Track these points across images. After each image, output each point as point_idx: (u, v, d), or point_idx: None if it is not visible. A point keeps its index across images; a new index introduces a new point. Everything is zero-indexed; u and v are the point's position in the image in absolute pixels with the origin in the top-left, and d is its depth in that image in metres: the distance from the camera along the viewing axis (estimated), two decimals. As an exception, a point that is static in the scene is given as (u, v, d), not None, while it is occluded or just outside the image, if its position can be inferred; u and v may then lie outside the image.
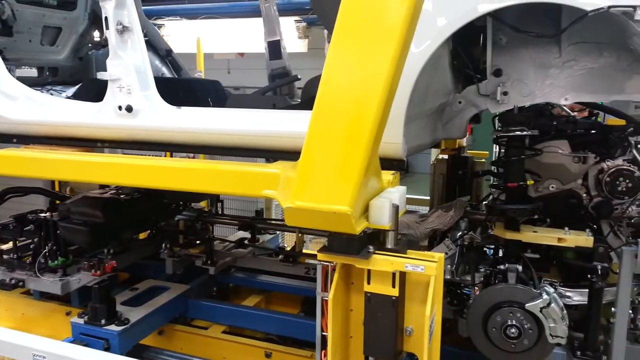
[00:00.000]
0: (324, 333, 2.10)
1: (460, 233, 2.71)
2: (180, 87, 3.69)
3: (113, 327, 3.10)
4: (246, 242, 4.37)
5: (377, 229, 1.96)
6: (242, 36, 10.00)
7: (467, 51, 2.56)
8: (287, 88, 4.44)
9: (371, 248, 1.89)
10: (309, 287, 3.88)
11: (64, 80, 4.57)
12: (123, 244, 3.92)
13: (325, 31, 4.28)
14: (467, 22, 2.10)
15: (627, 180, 2.33)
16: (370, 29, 1.57)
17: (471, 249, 2.71)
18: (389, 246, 1.98)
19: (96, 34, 4.78)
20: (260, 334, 3.76)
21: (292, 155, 2.68)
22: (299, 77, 3.66)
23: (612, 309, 2.31)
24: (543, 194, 2.51)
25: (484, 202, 3.05)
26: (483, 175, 3.46)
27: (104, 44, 4.87)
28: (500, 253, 2.72)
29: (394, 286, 1.94)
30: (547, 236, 2.40)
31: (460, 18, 2.10)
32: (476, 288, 2.58)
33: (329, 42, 4.59)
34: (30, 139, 3.21)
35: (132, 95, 2.82)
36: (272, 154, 2.87)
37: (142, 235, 4.40)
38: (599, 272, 2.29)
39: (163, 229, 4.19)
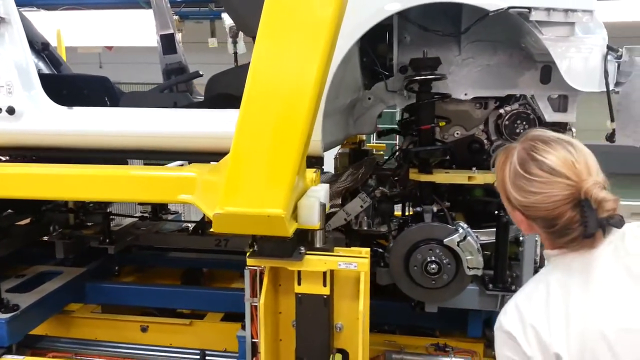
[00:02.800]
0: (254, 340, 2.04)
1: (372, 188, 2.76)
2: (63, 84, 3.34)
3: (0, 315, 2.70)
4: (148, 217, 3.97)
5: (304, 229, 1.95)
6: (109, 29, 9.40)
7: (373, 48, 2.62)
8: (184, 84, 4.23)
9: (302, 249, 1.87)
10: (219, 259, 3.76)
11: None
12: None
13: (227, 26, 4.16)
14: (381, 20, 2.15)
15: (524, 122, 2.49)
16: (301, 25, 1.53)
17: (384, 201, 2.79)
18: (317, 245, 1.97)
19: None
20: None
21: (201, 156, 2.59)
22: (201, 73, 3.50)
23: (521, 237, 2.49)
24: (448, 141, 2.63)
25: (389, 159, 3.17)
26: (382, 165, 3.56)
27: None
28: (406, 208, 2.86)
29: (325, 285, 1.94)
30: (458, 175, 2.49)
31: (374, 15, 2.14)
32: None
33: (231, 37, 4.47)
34: None
35: (13, 95, 2.50)
36: (178, 156, 2.72)
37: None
38: None
39: (49, 211, 3.76)
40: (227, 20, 9.93)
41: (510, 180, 1.30)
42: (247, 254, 1.88)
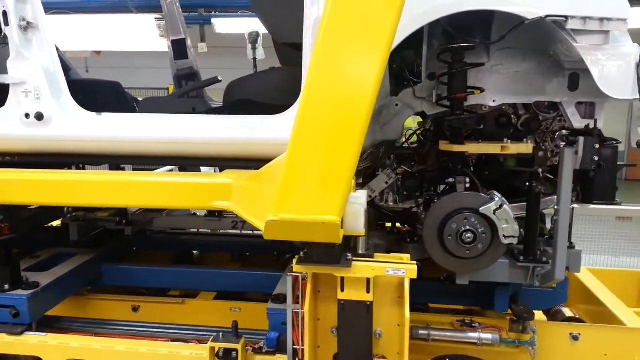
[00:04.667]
0: (295, 347, 2.04)
1: (394, 166, 2.77)
2: (78, 89, 3.32)
3: (20, 292, 2.68)
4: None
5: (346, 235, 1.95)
6: (97, 33, 9.35)
7: (401, 55, 2.64)
8: (180, 90, 4.20)
9: (349, 255, 1.87)
10: (239, 241, 3.78)
11: None
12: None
13: (247, 33, 4.16)
14: (419, 28, 2.17)
15: None
16: (364, 30, 1.54)
17: (409, 177, 2.80)
18: (360, 251, 1.98)
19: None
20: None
21: (228, 162, 2.58)
22: (220, 78, 3.49)
23: (554, 207, 2.48)
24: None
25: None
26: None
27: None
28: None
29: (368, 291, 1.94)
30: (491, 145, 2.48)
31: (412, 24, 2.15)
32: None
33: (250, 43, 4.44)
34: None
35: (41, 101, 2.47)
36: (208, 163, 2.71)
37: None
38: (540, 175, 2.46)
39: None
40: (218, 26, 9.94)
41: None
42: (294, 260, 1.87)
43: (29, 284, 2.73)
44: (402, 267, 1.86)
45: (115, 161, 2.64)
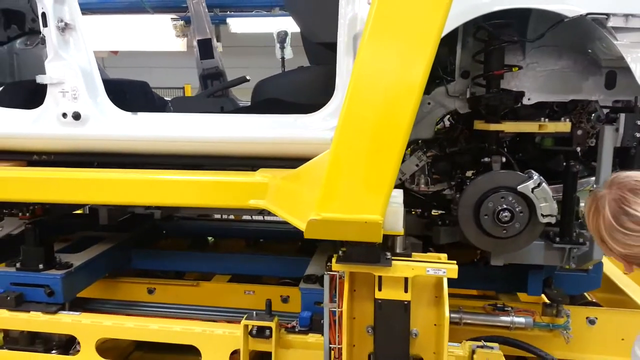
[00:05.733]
0: (331, 345, 2.04)
1: (424, 149, 2.74)
2: (108, 88, 3.37)
3: (54, 272, 2.71)
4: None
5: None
6: (114, 33, 9.46)
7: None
8: (210, 89, 4.23)
9: (388, 255, 1.86)
10: (261, 228, 3.83)
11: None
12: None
13: (275, 32, 4.18)
14: (460, 24, 2.16)
15: None
16: (409, 30, 1.53)
17: (441, 159, 2.77)
18: (397, 250, 1.97)
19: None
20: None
21: (261, 161, 2.59)
22: (248, 78, 3.51)
23: (592, 187, 2.45)
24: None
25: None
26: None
27: (1, 41, 4.32)
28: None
29: (406, 291, 1.93)
30: (528, 124, 2.43)
31: (453, 20, 2.13)
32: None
33: (279, 42, 4.47)
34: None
35: (78, 101, 2.51)
36: (245, 162, 2.71)
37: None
38: (578, 155, 2.44)
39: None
40: (233, 25, 9.98)
41: (607, 232, 1.32)
42: (334, 259, 1.88)
43: (62, 265, 2.76)
44: (442, 267, 1.85)
45: (150, 160, 2.65)
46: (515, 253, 2.49)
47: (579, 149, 2.46)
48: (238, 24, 10.29)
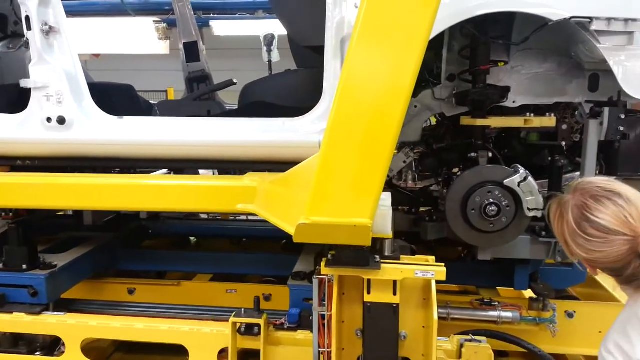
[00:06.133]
0: (321, 349, 2.04)
1: (410, 146, 2.75)
2: (93, 92, 3.33)
3: (38, 272, 2.67)
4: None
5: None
6: (95, 36, 9.40)
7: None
8: (195, 92, 4.21)
9: (377, 258, 1.87)
10: (249, 227, 3.79)
11: None
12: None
13: (262, 36, 4.17)
14: (446, 28, 2.17)
15: None
16: (397, 36, 1.54)
17: (428, 156, 2.79)
18: (386, 254, 1.98)
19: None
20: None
21: (248, 165, 2.59)
22: (235, 81, 3.50)
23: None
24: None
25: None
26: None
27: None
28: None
29: (395, 293, 1.94)
30: (514, 119, 2.46)
31: (438, 24, 2.14)
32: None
33: (266, 45, 4.46)
34: None
35: (63, 105, 2.48)
36: (226, 165, 2.71)
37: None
38: (563, 149, 2.47)
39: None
40: (216, 28, 9.95)
41: (570, 237, 1.35)
42: (322, 263, 1.88)
43: (46, 265, 2.73)
44: (430, 269, 1.86)
45: (136, 164, 2.63)
46: (502, 248, 2.52)
47: (564, 143, 2.49)
48: (221, 27, 10.28)
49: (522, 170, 2.32)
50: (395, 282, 1.92)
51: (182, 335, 2.45)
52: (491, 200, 2.33)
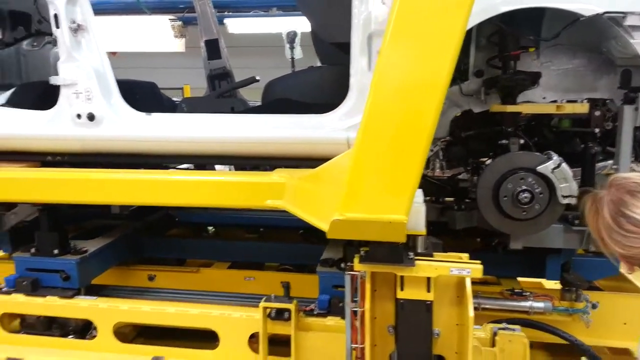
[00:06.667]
0: (354, 345, 2.04)
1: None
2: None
3: (69, 257, 2.71)
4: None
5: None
6: (112, 35, 9.47)
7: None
8: (219, 89, 4.22)
9: (411, 254, 1.86)
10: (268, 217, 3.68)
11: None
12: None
13: (284, 32, 4.17)
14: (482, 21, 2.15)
15: None
16: (432, 31, 1.53)
17: (455, 144, 2.75)
18: (419, 250, 1.97)
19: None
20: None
21: (274, 161, 2.59)
22: (258, 78, 3.50)
23: (611, 168, 2.43)
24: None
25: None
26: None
27: (8, 42, 4.30)
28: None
29: (429, 290, 1.93)
30: (546, 105, 2.42)
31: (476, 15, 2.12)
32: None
33: (288, 42, 4.47)
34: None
35: (92, 102, 2.50)
36: (253, 161, 2.71)
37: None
38: (597, 136, 2.43)
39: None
40: (231, 26, 10.00)
41: (606, 233, 1.33)
42: (355, 259, 1.87)
43: (77, 250, 2.76)
44: (466, 267, 1.85)
45: (163, 161, 2.65)
46: (534, 236, 2.48)
47: (597, 130, 2.44)
48: (236, 25, 10.30)
49: (555, 156, 2.28)
50: (429, 279, 1.91)
51: (213, 320, 2.45)
52: (524, 187, 2.28)
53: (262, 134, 2.51)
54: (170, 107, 3.71)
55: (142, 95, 3.48)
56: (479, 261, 1.89)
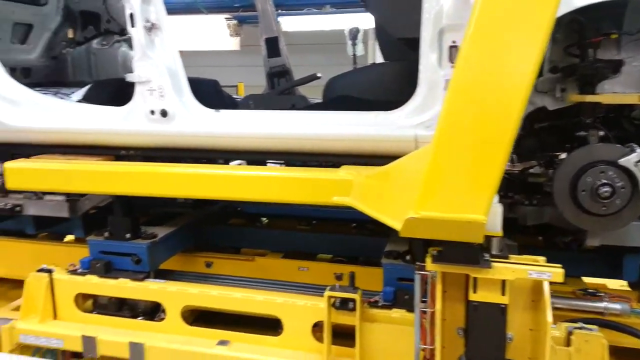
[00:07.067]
0: (423, 346, 2.00)
1: None
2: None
3: (140, 241, 2.79)
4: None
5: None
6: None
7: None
8: (280, 86, 4.26)
9: (487, 256, 1.81)
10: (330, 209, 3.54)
11: (38, 81, 4.17)
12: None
13: (347, 30, 4.16)
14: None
15: None
16: (518, 23, 1.48)
17: (527, 136, 2.62)
18: (494, 252, 1.91)
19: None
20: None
21: (338, 158, 2.58)
22: (319, 75, 3.51)
23: None
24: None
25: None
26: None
27: (79, 41, 4.51)
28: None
29: (504, 294, 1.87)
30: (627, 96, 2.30)
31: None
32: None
33: (350, 39, 4.46)
34: (33, 148, 2.87)
35: (165, 99, 2.58)
36: (320, 158, 2.71)
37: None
38: None
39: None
40: (285, 24, 10.07)
41: None
42: (428, 259, 1.84)
43: (147, 235, 2.85)
44: (546, 270, 1.77)
45: (231, 156, 2.70)
46: (613, 233, 2.36)
47: None
48: (290, 23, 10.38)
49: (639, 149, 2.16)
50: (504, 281, 1.85)
51: (277, 307, 2.46)
52: (604, 181, 2.16)
53: (327, 131, 2.51)
54: (231, 104, 3.78)
55: (206, 92, 3.56)
56: (559, 265, 1.81)
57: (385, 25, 2.69)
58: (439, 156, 1.60)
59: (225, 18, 11.22)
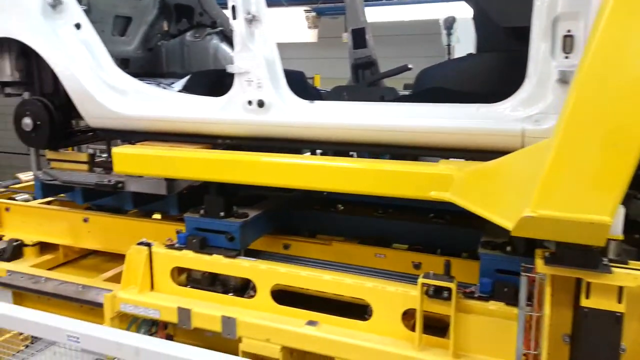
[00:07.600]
0: (526, 351, 1.92)
1: None
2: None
3: (233, 220, 2.85)
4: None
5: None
6: None
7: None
8: (370, 77, 4.20)
9: (605, 260, 1.69)
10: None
11: (135, 72, 4.38)
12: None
13: (441, 20, 4.07)
14: None
15: None
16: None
17: None
18: (611, 256, 1.78)
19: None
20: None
21: (434, 152, 2.51)
22: (410, 66, 3.43)
23: None
24: None
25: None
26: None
27: (173, 34, 4.69)
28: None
29: (620, 301, 1.75)
30: None
31: None
32: None
33: (446, 28, 4.35)
34: (138, 135, 3.03)
35: (262, 90, 2.62)
36: (415, 151, 2.66)
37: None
38: None
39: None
40: (367, 15, 9.96)
41: None
42: (539, 260, 1.75)
43: (239, 214, 2.91)
44: (677, 278, 1.64)
45: (325, 147, 2.70)
46: None
47: None
48: (372, 14, 10.24)
49: None
50: (621, 288, 1.72)
51: (367, 291, 2.43)
52: None
53: (425, 123, 2.44)
54: (317, 95, 3.79)
55: (293, 83, 3.59)
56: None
57: (491, 14, 2.57)
58: (563, 151, 1.50)
59: (304, 10, 11.30)
